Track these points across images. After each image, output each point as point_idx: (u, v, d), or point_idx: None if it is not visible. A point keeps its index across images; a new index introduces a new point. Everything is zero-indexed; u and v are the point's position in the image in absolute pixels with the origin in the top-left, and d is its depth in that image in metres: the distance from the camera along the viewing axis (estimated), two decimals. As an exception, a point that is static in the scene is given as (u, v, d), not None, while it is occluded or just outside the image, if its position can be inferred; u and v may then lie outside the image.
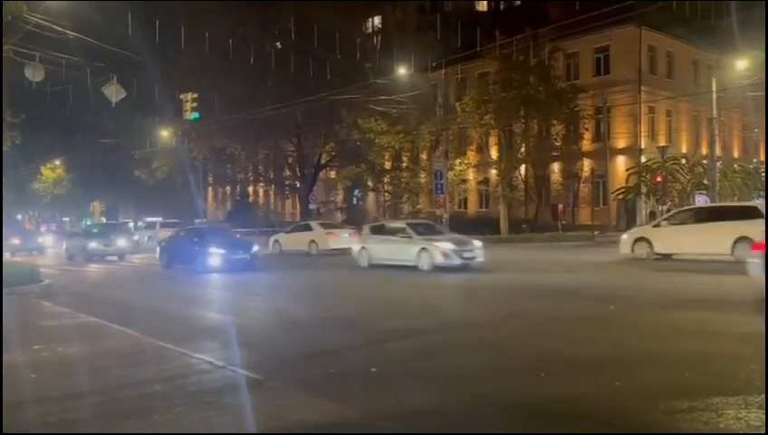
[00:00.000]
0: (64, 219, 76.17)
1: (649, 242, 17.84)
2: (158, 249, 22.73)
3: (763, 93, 39.20)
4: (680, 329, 8.13)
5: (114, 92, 20.93)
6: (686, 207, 22.36)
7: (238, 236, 24.25)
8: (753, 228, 14.18)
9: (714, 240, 16.33)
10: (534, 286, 13.41)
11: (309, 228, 27.56)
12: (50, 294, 13.97)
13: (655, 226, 18.98)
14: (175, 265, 20.40)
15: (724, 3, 32.17)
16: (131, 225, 44.19)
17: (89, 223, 53.95)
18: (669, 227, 18.13)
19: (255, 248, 19.81)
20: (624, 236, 19.13)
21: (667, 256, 17.49)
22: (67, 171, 64.09)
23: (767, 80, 26.58)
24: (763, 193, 41.45)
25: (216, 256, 18.72)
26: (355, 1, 39.56)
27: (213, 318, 11.04)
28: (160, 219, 41.74)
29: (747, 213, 16.72)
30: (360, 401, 5.31)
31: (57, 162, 63.99)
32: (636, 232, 19.39)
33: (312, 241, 26.38)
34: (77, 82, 24.62)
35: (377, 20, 67.74)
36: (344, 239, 25.23)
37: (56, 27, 16.36)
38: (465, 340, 8.04)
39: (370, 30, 62.79)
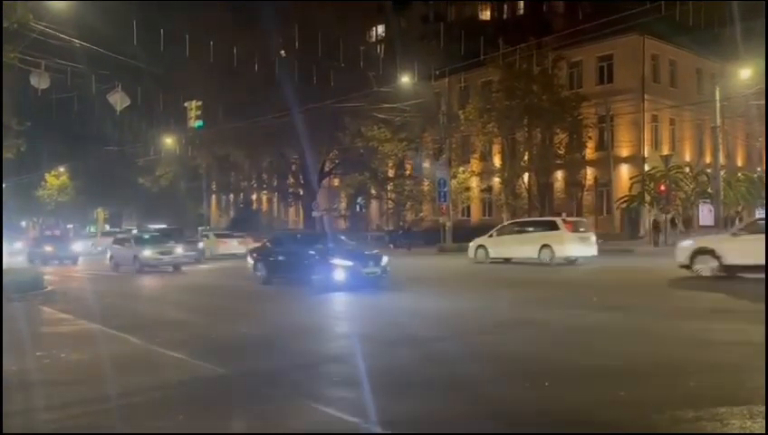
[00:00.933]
0: (68, 226, 76.38)
1: (485, 248, 22.83)
2: (249, 259, 18.21)
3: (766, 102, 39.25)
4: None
5: (119, 100, 21.06)
6: (508, 222, 26.79)
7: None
8: (554, 237, 20.67)
9: (527, 247, 21.46)
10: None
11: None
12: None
13: (489, 236, 23.28)
14: (276, 279, 16.61)
15: (727, 12, 32.22)
16: (199, 230, 39.23)
17: (134, 230, 48.80)
18: (497, 237, 22.91)
19: (386, 260, 15.72)
20: (471, 244, 23.78)
21: (495, 260, 22.37)
22: (71, 178, 64.30)
23: (767, 85, 26.58)
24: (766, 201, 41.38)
25: (341, 269, 14.77)
26: (360, 2, 39.65)
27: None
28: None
29: (550, 225, 21.75)
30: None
31: (61, 169, 64.22)
32: (477, 241, 23.54)
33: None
34: (82, 90, 24.78)
35: (380, 29, 68.07)
36: (232, 246, 32.15)
37: (62, 35, 16.47)
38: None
39: (374, 39, 62.97)
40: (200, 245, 31.97)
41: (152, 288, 19.44)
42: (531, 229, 22.44)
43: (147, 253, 23.87)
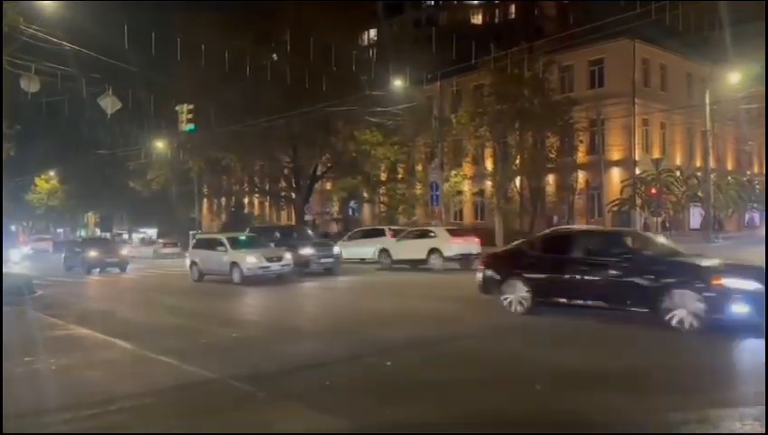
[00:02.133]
0: (58, 230, 75.93)
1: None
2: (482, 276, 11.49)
3: (756, 106, 39.66)
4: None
5: (110, 104, 20.96)
6: (357, 229, 29.65)
7: None
8: (384, 241, 24.05)
9: (367, 249, 24.61)
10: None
11: None
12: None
13: (343, 240, 26.52)
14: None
15: (717, 16, 32.47)
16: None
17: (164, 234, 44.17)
18: (347, 241, 26.14)
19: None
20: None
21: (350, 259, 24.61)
22: (61, 182, 63.96)
23: (767, 85, 26.82)
24: (756, 205, 41.75)
25: None
26: (352, 6, 39.67)
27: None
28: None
29: (377, 233, 25.76)
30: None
31: (51, 173, 63.87)
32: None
33: None
34: (72, 94, 24.59)
35: (372, 33, 68.19)
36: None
37: (52, 38, 16.37)
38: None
39: (366, 43, 63.00)
40: (336, 249, 23.19)
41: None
42: (371, 236, 25.86)
43: (252, 259, 18.56)
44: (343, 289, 17.52)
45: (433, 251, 21.62)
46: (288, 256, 19.46)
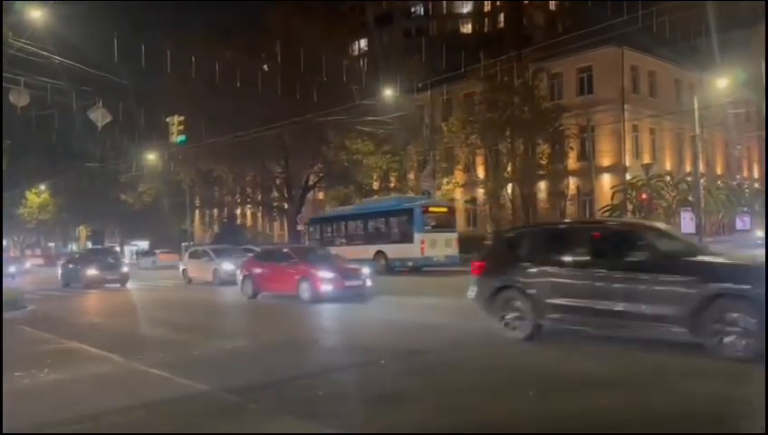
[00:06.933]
0: (50, 244, 75.47)
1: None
2: None
3: (744, 111, 40.01)
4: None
5: (100, 116, 20.94)
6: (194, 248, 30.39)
7: None
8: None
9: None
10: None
11: None
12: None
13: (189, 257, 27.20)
14: None
15: (705, 23, 32.78)
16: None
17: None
18: (190, 259, 26.39)
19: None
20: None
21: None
22: (52, 196, 63.65)
23: (767, 86, 27.09)
24: (746, 208, 42.02)
25: None
26: (343, 16, 39.86)
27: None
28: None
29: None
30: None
31: (42, 187, 63.55)
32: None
33: None
34: (62, 107, 24.56)
35: (363, 43, 68.47)
36: None
37: (41, 52, 16.33)
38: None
39: (357, 52, 63.16)
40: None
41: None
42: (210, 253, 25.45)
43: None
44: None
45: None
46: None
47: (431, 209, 26.22)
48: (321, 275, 15.06)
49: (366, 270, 15.98)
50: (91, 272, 24.37)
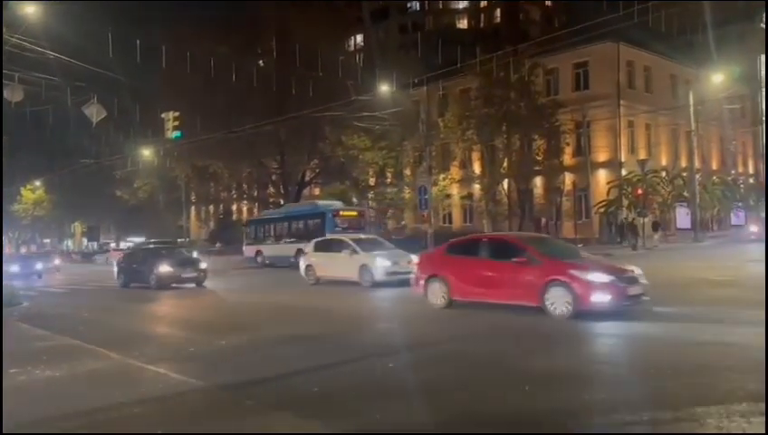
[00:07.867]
0: (45, 241, 75.26)
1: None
2: None
3: (739, 107, 40.14)
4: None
5: (95, 112, 20.78)
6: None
7: None
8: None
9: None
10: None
11: None
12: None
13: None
14: None
15: (701, 19, 32.87)
16: None
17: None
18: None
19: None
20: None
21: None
22: (47, 192, 63.41)
23: (766, 82, 27.18)
24: (741, 204, 42.22)
25: None
26: (339, 12, 39.78)
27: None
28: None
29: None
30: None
31: (37, 183, 63.30)
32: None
33: None
34: (57, 103, 24.42)
35: (359, 38, 68.37)
36: None
37: (36, 47, 16.24)
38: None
39: (353, 48, 63.06)
40: None
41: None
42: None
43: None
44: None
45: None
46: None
47: (342, 213, 29.20)
48: (589, 277, 9.97)
49: (639, 270, 10.53)
50: (165, 269, 20.10)
